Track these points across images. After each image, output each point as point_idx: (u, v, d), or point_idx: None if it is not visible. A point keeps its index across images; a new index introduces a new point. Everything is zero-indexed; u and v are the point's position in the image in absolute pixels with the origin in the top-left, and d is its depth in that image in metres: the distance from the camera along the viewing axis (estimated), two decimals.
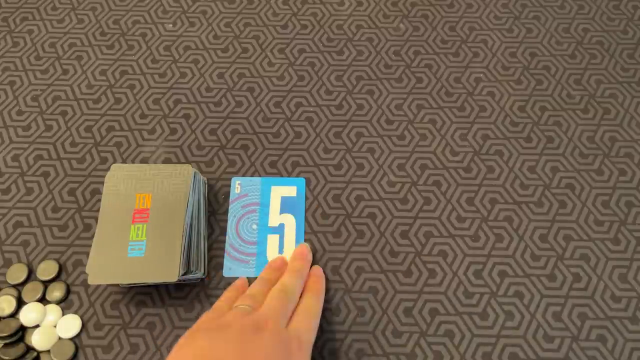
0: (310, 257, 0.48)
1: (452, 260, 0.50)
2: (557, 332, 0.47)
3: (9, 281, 0.49)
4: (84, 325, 0.47)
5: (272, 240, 0.51)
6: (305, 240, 0.51)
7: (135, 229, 0.46)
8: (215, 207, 0.52)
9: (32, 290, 0.48)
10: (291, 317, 0.41)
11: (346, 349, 0.46)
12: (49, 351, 0.46)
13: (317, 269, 0.48)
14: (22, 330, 0.46)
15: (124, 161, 0.54)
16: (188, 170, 0.49)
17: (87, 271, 0.44)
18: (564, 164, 0.55)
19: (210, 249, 0.50)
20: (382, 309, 0.48)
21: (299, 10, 0.64)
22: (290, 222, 0.52)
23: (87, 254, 0.50)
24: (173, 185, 0.48)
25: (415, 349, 0.46)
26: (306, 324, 0.41)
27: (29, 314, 0.47)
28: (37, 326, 0.47)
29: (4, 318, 0.47)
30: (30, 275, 0.49)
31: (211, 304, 0.48)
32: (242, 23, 0.63)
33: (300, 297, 0.44)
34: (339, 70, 0.60)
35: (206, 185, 0.53)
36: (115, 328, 0.47)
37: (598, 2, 0.65)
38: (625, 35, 0.63)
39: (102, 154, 0.55)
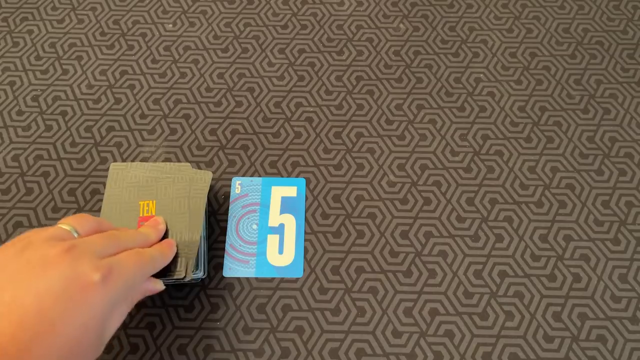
0: (162, 227, 0.45)
1: (452, 261, 0.50)
2: (557, 333, 0.47)
3: None
4: None
5: (272, 240, 0.51)
6: (306, 241, 0.51)
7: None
8: (215, 207, 0.52)
9: None
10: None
11: (346, 349, 0.46)
12: None
13: (170, 241, 0.45)
14: None
15: (123, 161, 0.54)
16: (207, 176, 0.48)
17: None
18: (564, 164, 0.55)
19: (210, 249, 0.50)
20: (382, 309, 0.48)
21: (299, 10, 0.64)
22: (290, 222, 0.52)
23: None
24: (176, 191, 0.48)
25: (415, 349, 0.46)
26: (128, 260, 0.37)
27: None
28: None
29: None
30: None
31: (211, 304, 0.48)
32: (242, 23, 0.63)
33: None
34: (339, 70, 0.60)
35: None
36: None
37: (598, 2, 0.65)
38: (625, 35, 0.63)
39: (102, 154, 0.55)
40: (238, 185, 0.53)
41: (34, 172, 0.54)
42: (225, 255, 0.50)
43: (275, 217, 0.52)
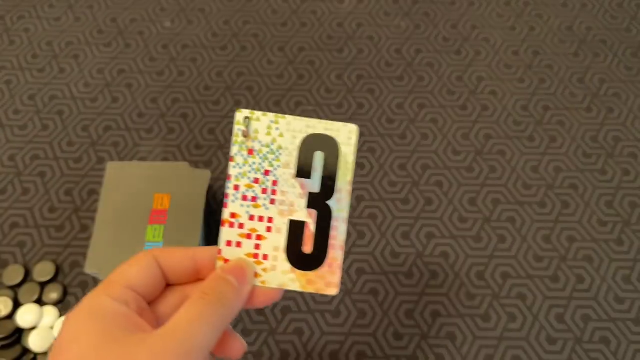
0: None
1: (454, 262, 0.50)
2: (560, 334, 0.47)
3: (6, 282, 0.48)
4: None
5: None
6: None
7: (152, 229, 0.45)
8: (214, 207, 0.52)
9: (28, 292, 0.47)
10: None
11: (347, 351, 0.46)
12: (46, 353, 0.45)
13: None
14: (19, 332, 0.46)
15: (121, 161, 0.54)
16: (207, 175, 0.48)
17: (97, 269, 0.44)
18: (567, 164, 0.54)
19: None
20: (383, 311, 0.48)
21: (299, 7, 0.64)
22: None
23: (84, 254, 0.50)
24: (192, 187, 0.47)
25: (416, 351, 0.46)
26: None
27: (25, 316, 0.46)
28: (34, 328, 0.46)
29: (0, 320, 0.46)
30: (27, 276, 0.49)
31: None
32: (241, 21, 0.63)
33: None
34: (339, 68, 0.59)
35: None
36: None
37: (601, 0, 0.64)
38: (629, 33, 0.62)
39: (99, 154, 0.54)
40: None
41: (30, 171, 0.53)
42: None
43: None
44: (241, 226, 0.28)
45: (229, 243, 0.28)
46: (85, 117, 0.56)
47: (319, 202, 0.29)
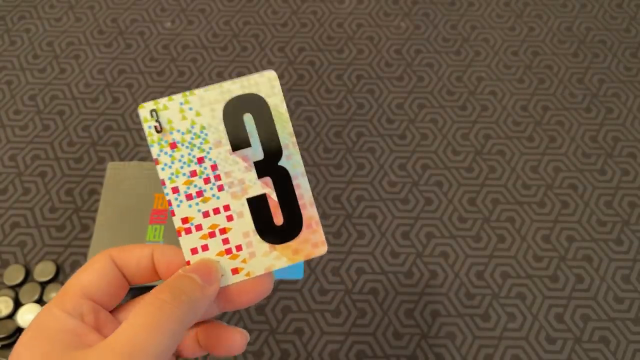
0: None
1: (454, 261, 0.50)
2: (559, 334, 0.47)
3: (6, 282, 0.48)
4: None
5: None
6: None
7: (152, 229, 0.45)
8: None
9: (29, 292, 0.48)
10: None
11: (346, 351, 0.46)
12: None
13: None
14: (20, 332, 0.46)
15: (121, 161, 0.54)
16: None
17: None
18: (566, 164, 0.54)
19: None
20: (382, 311, 0.48)
21: (299, 8, 0.64)
22: None
23: (85, 254, 0.50)
24: None
25: (416, 351, 0.46)
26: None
27: (26, 316, 0.46)
28: None
29: (1, 319, 0.46)
30: (28, 276, 0.49)
31: None
32: (242, 21, 0.63)
33: None
34: (339, 69, 0.60)
35: None
36: None
37: (600, 1, 0.65)
38: (628, 33, 0.62)
39: (100, 154, 0.54)
40: None
41: (31, 172, 0.53)
42: None
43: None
44: (199, 228, 0.25)
45: (194, 251, 0.25)
46: (85, 117, 0.56)
47: (269, 167, 0.25)
